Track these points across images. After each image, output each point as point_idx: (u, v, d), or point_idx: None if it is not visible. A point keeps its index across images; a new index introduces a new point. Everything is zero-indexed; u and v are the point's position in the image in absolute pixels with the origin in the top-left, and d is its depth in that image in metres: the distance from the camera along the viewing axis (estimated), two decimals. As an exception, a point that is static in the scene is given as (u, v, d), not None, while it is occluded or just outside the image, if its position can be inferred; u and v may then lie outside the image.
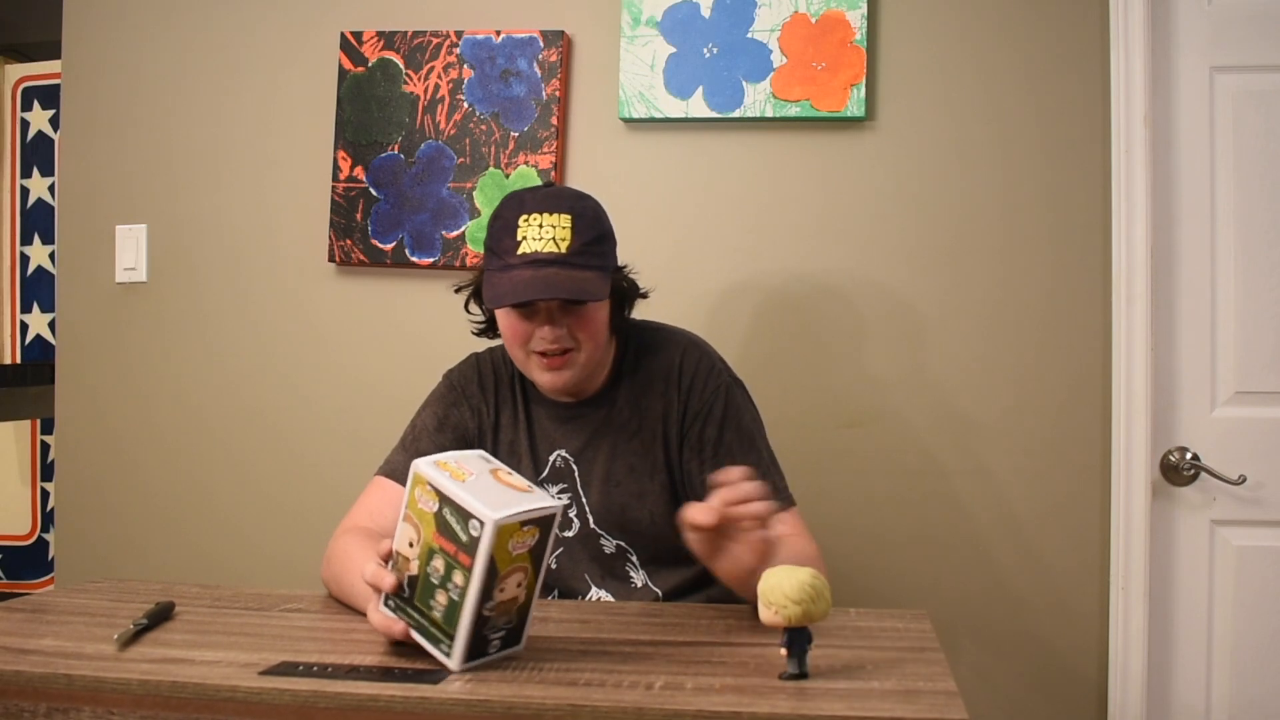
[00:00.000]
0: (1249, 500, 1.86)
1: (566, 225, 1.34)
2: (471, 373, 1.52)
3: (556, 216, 1.34)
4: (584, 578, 1.43)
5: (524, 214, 1.35)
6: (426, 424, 1.48)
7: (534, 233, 1.33)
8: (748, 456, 1.38)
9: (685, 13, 1.96)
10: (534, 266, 1.32)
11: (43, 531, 2.77)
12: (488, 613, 0.97)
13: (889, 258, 1.94)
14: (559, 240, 1.33)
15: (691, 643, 1.10)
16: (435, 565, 0.98)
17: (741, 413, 1.43)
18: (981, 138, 1.92)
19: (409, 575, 1.00)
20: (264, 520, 2.12)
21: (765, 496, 1.06)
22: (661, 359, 1.46)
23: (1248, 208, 1.87)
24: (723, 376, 1.46)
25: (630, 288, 1.48)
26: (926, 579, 1.92)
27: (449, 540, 0.96)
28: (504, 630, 1.00)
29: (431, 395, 1.53)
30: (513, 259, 1.33)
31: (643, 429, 1.43)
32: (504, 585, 0.97)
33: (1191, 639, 1.87)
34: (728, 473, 1.08)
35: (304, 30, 2.13)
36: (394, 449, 1.48)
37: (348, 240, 2.07)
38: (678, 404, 1.43)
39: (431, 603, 0.98)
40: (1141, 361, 1.84)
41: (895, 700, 0.89)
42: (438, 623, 0.98)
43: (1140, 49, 1.85)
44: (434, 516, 0.98)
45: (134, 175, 2.20)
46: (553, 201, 1.36)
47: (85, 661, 0.99)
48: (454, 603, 0.96)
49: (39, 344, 2.70)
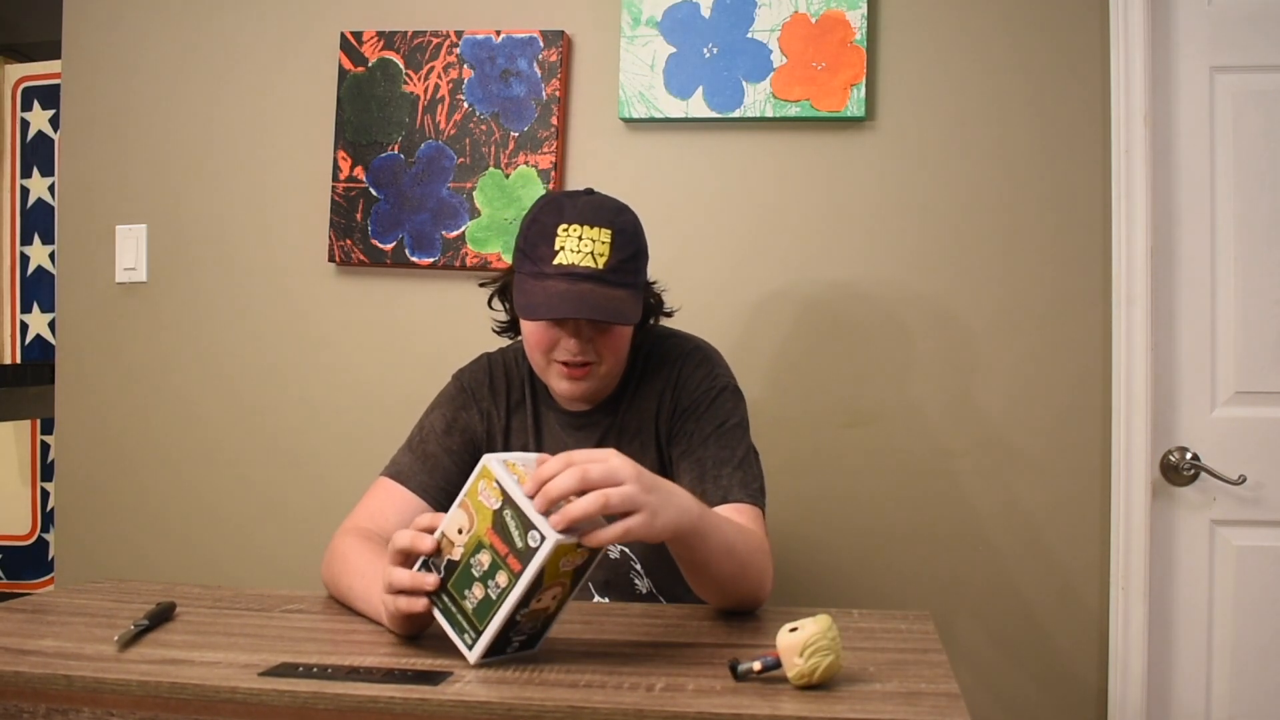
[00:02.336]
0: (1249, 500, 1.86)
1: (606, 241, 1.32)
2: (483, 374, 1.50)
3: (597, 230, 1.32)
4: (587, 585, 1.42)
5: (563, 223, 1.32)
6: (435, 426, 1.46)
7: (573, 244, 1.31)
8: (721, 451, 1.36)
9: (685, 13, 1.96)
10: (570, 280, 1.30)
11: (43, 531, 2.77)
12: (519, 618, 0.99)
13: (888, 257, 1.94)
14: (597, 255, 1.31)
15: (693, 644, 1.10)
16: (480, 559, 0.99)
17: (728, 414, 1.41)
18: (981, 138, 1.92)
19: (449, 559, 1.02)
20: (264, 520, 2.12)
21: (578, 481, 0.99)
22: (666, 363, 1.46)
23: (1248, 208, 1.87)
24: (718, 380, 1.44)
25: (656, 304, 1.47)
26: (927, 579, 1.93)
27: (503, 541, 0.98)
28: (527, 634, 1.02)
29: (441, 396, 1.51)
30: (548, 268, 1.31)
31: (642, 430, 1.44)
32: (541, 596, 0.99)
33: (1191, 639, 1.87)
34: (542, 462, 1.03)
35: (304, 30, 2.13)
36: (400, 450, 1.46)
37: (348, 240, 2.07)
38: (670, 401, 1.42)
39: (466, 592, 1.00)
40: (1141, 361, 1.84)
41: (897, 702, 0.88)
42: (467, 613, 1.00)
43: (1140, 49, 1.85)
44: (493, 514, 0.99)
45: (134, 175, 2.20)
46: (594, 214, 1.34)
47: (85, 662, 0.99)
48: (489, 600, 0.98)
49: (39, 344, 2.70)
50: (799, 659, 0.91)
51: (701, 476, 1.34)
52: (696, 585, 1.20)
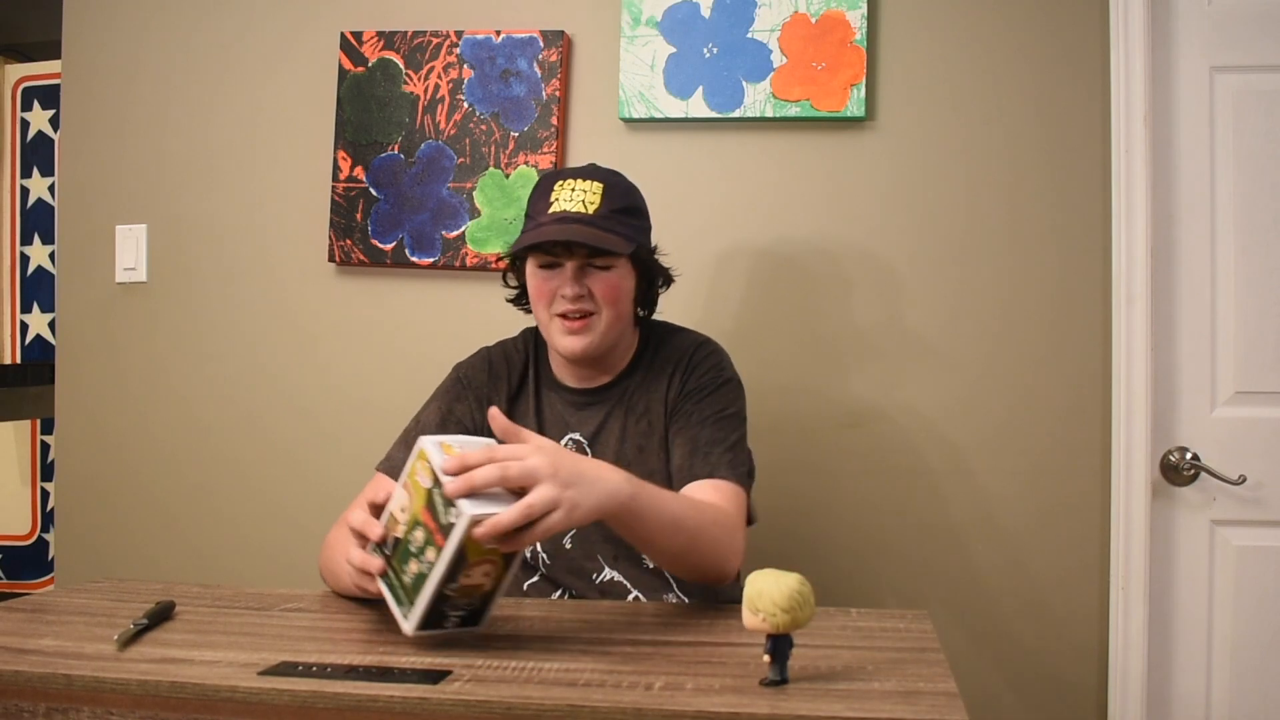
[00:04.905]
0: (1249, 500, 1.86)
1: (598, 191, 1.41)
2: (481, 363, 1.55)
3: (589, 183, 1.42)
4: (596, 558, 1.44)
5: (560, 180, 1.43)
6: (429, 420, 1.49)
7: (565, 195, 1.41)
8: (717, 433, 1.41)
9: (685, 13, 1.96)
10: (560, 223, 1.38)
11: (43, 531, 2.77)
12: (449, 593, 1.03)
13: (889, 257, 1.94)
14: (588, 203, 1.40)
15: (692, 643, 1.10)
16: (416, 535, 1.04)
17: (729, 403, 1.46)
18: (981, 138, 1.92)
19: (394, 536, 1.07)
20: (263, 520, 2.12)
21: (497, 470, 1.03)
22: (676, 350, 1.50)
23: (1248, 207, 1.87)
24: (725, 371, 1.49)
25: (658, 269, 1.52)
26: (926, 578, 1.93)
27: (432, 518, 1.03)
28: (464, 611, 1.06)
29: (439, 389, 1.55)
30: (543, 218, 1.40)
31: (649, 410, 1.47)
32: (470, 573, 1.03)
33: (1191, 639, 1.87)
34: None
35: (304, 30, 2.13)
36: (395, 443, 1.50)
37: (348, 240, 2.07)
38: (678, 384, 1.47)
39: (405, 567, 1.05)
40: (1141, 361, 1.84)
41: (896, 701, 0.88)
42: (405, 586, 1.05)
43: (1140, 49, 1.85)
44: (426, 492, 1.04)
45: (134, 175, 2.20)
46: (589, 172, 1.45)
47: (85, 661, 0.99)
48: (422, 575, 1.03)
49: (39, 344, 2.70)
50: (749, 613, 0.93)
51: (693, 452, 1.39)
52: (653, 560, 1.27)
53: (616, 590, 1.42)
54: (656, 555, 1.25)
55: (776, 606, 0.91)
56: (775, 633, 0.92)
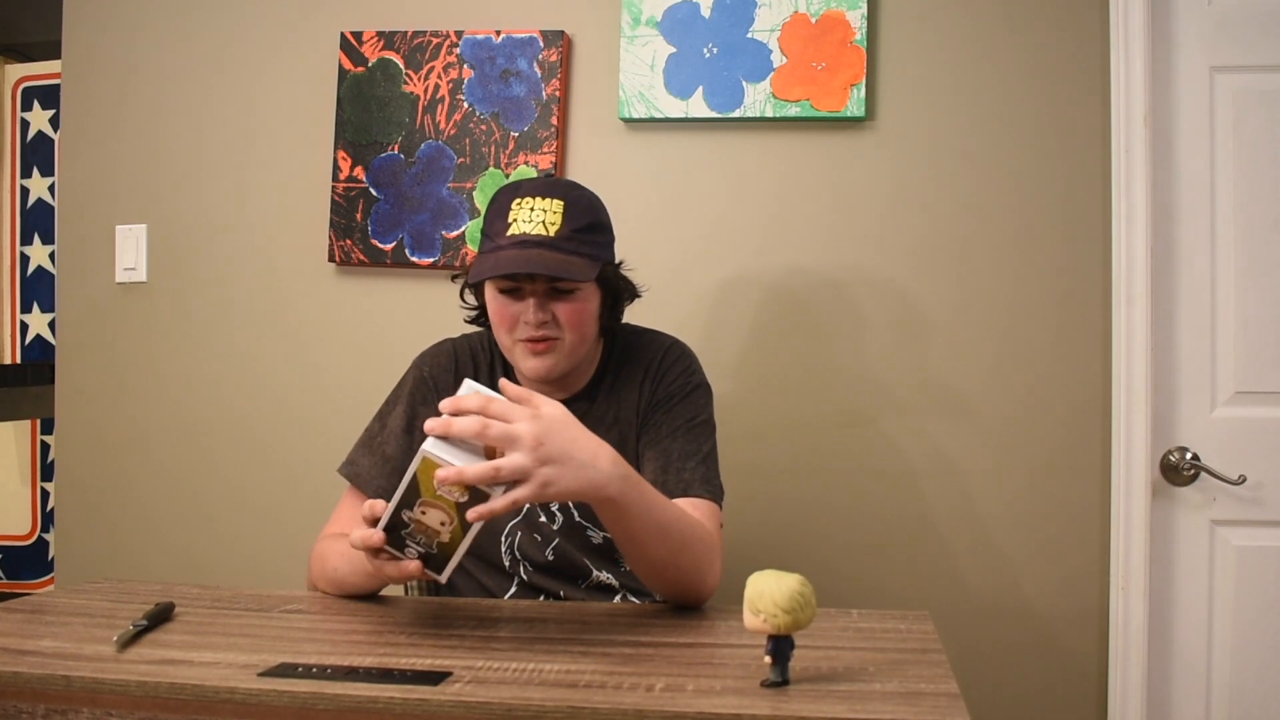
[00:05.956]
0: (1249, 500, 1.85)
1: (558, 210, 1.34)
2: (447, 360, 1.50)
3: (549, 201, 1.34)
4: (584, 563, 1.43)
5: (517, 198, 1.35)
6: (395, 426, 1.45)
7: (524, 215, 1.33)
8: (688, 445, 1.38)
9: (685, 13, 1.96)
10: (521, 247, 1.32)
11: (43, 531, 2.77)
12: (407, 520, 1.07)
13: (888, 257, 1.94)
14: (549, 224, 1.33)
15: (693, 644, 1.10)
16: None
17: (699, 410, 1.43)
18: (981, 138, 1.92)
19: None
20: (264, 520, 2.12)
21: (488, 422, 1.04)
22: (643, 356, 1.47)
23: (1248, 207, 1.87)
24: (694, 376, 1.46)
25: (624, 285, 1.47)
26: (926, 579, 1.92)
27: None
28: (422, 550, 1.09)
29: (401, 388, 1.49)
30: (502, 240, 1.33)
31: (619, 420, 1.44)
32: (425, 511, 1.07)
33: (1191, 639, 1.87)
34: None
35: (304, 30, 2.13)
36: (358, 447, 1.46)
37: (348, 240, 2.07)
38: (647, 393, 1.44)
39: None
40: (1141, 361, 1.84)
41: (897, 702, 0.88)
42: None
43: (1140, 49, 1.85)
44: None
45: (134, 175, 2.20)
46: (547, 188, 1.37)
47: (84, 663, 0.99)
48: None
49: (39, 344, 2.69)
50: (749, 613, 0.93)
51: (665, 467, 1.36)
52: (630, 563, 1.22)
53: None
54: (638, 560, 1.21)
55: (778, 607, 0.91)
56: (776, 634, 0.92)
